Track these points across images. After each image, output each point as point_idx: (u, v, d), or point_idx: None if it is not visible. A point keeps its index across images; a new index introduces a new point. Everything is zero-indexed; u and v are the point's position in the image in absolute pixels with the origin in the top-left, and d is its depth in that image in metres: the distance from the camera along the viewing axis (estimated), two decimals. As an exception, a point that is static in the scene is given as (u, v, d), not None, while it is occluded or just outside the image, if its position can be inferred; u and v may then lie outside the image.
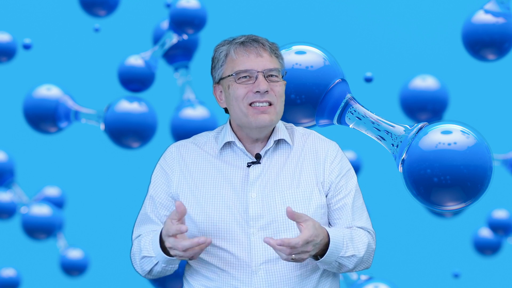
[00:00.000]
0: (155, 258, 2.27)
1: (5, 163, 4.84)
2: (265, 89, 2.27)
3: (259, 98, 2.28)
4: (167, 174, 2.37)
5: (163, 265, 2.28)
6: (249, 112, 2.29)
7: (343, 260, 2.27)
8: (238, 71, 2.30)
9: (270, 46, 2.33)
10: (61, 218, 5.04)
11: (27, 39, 4.89)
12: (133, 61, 4.16)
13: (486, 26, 3.62)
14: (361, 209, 2.39)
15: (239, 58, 2.31)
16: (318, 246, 2.20)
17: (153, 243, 2.27)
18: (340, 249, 2.26)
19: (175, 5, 4.11)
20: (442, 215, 4.98)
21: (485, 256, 5.30)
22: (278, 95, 2.30)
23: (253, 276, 2.26)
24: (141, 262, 2.31)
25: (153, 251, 2.27)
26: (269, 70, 2.30)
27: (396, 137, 2.50)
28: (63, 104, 4.10)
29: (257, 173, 2.32)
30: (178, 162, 2.37)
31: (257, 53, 2.30)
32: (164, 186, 2.37)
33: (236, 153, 2.36)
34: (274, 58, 2.33)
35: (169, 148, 2.43)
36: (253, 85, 2.29)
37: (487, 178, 2.39)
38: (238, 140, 2.36)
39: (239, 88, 2.30)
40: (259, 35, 2.37)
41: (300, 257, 2.17)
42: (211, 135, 2.42)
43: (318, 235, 2.18)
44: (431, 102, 4.20)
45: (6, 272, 5.39)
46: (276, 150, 2.37)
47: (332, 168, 2.37)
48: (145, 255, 2.29)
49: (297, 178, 2.33)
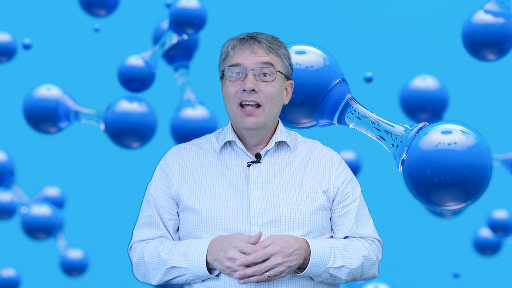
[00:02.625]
0: (185, 269, 2.25)
1: (5, 163, 4.84)
2: (251, 88, 2.25)
3: (246, 97, 2.27)
4: (167, 176, 2.37)
5: (191, 278, 2.26)
6: (238, 113, 2.28)
7: (333, 271, 2.26)
8: (230, 65, 2.29)
9: (269, 43, 2.30)
10: (61, 218, 5.04)
11: (27, 39, 4.89)
12: (133, 61, 4.16)
13: (486, 26, 3.62)
14: (366, 217, 2.39)
15: (234, 53, 2.30)
16: (296, 257, 2.20)
17: (189, 254, 2.24)
18: (327, 260, 2.25)
19: (175, 5, 4.11)
20: (442, 215, 4.97)
21: (485, 256, 5.30)
22: (268, 96, 2.27)
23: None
24: (165, 272, 2.28)
25: (186, 262, 2.25)
26: (261, 67, 2.27)
27: (396, 137, 2.50)
28: (63, 104, 4.10)
29: (258, 172, 2.31)
30: (178, 163, 2.37)
31: (252, 50, 2.28)
32: (165, 188, 2.36)
33: (236, 153, 2.35)
34: (273, 56, 2.30)
35: (169, 150, 2.43)
36: (242, 83, 2.27)
37: (487, 178, 2.39)
38: (239, 139, 2.35)
39: (230, 86, 2.29)
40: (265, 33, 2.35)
41: (276, 271, 2.17)
42: (212, 135, 2.42)
43: (289, 246, 2.19)
44: (431, 102, 4.20)
45: (6, 272, 5.39)
46: (277, 152, 2.37)
47: (337, 174, 2.37)
48: (174, 265, 2.26)
49: (300, 179, 2.32)
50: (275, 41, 2.33)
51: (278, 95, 2.30)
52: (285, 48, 2.35)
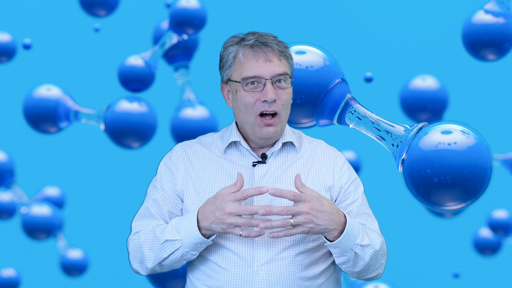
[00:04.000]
0: (179, 242, 2.24)
1: (5, 163, 4.84)
2: (273, 99, 2.26)
3: (267, 107, 2.27)
4: (172, 172, 2.36)
5: (186, 249, 2.24)
6: (257, 123, 2.28)
7: (359, 250, 2.24)
8: (246, 77, 2.27)
9: (279, 48, 2.29)
10: (61, 218, 5.04)
11: (27, 39, 4.90)
12: (133, 61, 4.16)
13: (486, 26, 3.62)
14: (371, 218, 2.38)
15: (247, 62, 2.28)
16: (324, 218, 2.18)
17: (181, 226, 2.23)
18: (357, 235, 2.23)
19: (175, 5, 4.11)
20: (442, 215, 4.98)
21: (485, 256, 5.30)
22: (284, 104, 2.28)
23: (254, 276, 2.26)
24: (159, 249, 2.26)
25: (178, 234, 2.24)
26: (278, 76, 2.28)
27: (396, 137, 2.50)
28: (63, 104, 4.10)
29: (263, 173, 2.31)
30: (183, 160, 2.37)
31: (266, 58, 2.27)
32: (169, 183, 2.35)
33: (242, 153, 2.35)
34: (284, 60, 2.30)
35: (175, 147, 2.42)
36: (261, 93, 2.26)
37: (487, 178, 2.39)
38: (244, 140, 2.35)
39: (247, 96, 2.28)
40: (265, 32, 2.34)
41: (300, 220, 2.16)
42: (216, 135, 2.42)
43: (322, 204, 2.18)
44: (431, 102, 4.20)
45: (6, 272, 5.39)
46: (282, 152, 2.36)
47: (341, 174, 2.37)
48: (168, 238, 2.24)
49: (303, 179, 2.32)
50: (281, 43, 2.33)
51: (291, 100, 2.33)
52: (288, 49, 2.35)
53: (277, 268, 2.26)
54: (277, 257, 2.26)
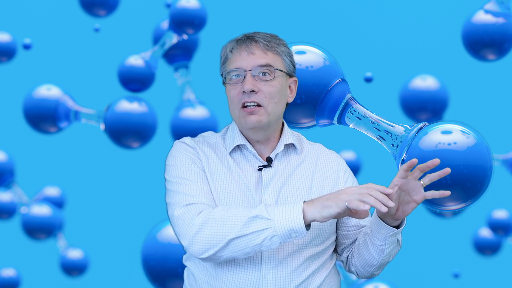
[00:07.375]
0: (270, 222, 2.10)
1: (5, 163, 4.84)
2: (250, 89, 2.22)
3: (246, 98, 2.23)
4: (195, 150, 2.29)
5: (270, 234, 2.10)
6: (240, 114, 2.25)
7: (400, 237, 2.36)
8: (229, 70, 2.27)
9: (267, 42, 2.26)
10: (61, 218, 5.04)
11: (27, 39, 4.90)
12: (133, 61, 4.16)
13: (486, 26, 3.62)
14: None
15: (232, 57, 2.27)
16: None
17: (276, 210, 2.10)
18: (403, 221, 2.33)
19: (175, 5, 4.11)
20: (442, 215, 4.98)
21: (485, 256, 5.30)
22: (268, 95, 2.24)
23: (262, 280, 2.24)
24: (245, 223, 2.10)
25: (271, 214, 2.10)
26: (259, 68, 2.24)
27: (396, 137, 2.50)
28: (63, 104, 4.11)
29: (270, 176, 2.28)
30: (200, 147, 2.31)
31: (249, 51, 2.25)
32: (197, 160, 2.27)
33: (246, 157, 2.32)
34: (271, 54, 2.26)
35: (182, 139, 2.35)
36: (241, 85, 2.24)
37: (487, 178, 2.39)
38: (249, 143, 2.32)
39: (231, 90, 2.26)
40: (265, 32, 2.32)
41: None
42: (218, 136, 2.37)
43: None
44: (431, 102, 4.21)
45: (6, 272, 5.39)
46: (286, 155, 2.34)
47: (346, 178, 2.36)
48: (258, 214, 2.11)
49: (309, 183, 2.30)
50: (274, 38, 2.30)
51: (279, 94, 2.27)
52: (284, 45, 2.32)
53: (283, 271, 2.24)
54: (285, 261, 2.24)
